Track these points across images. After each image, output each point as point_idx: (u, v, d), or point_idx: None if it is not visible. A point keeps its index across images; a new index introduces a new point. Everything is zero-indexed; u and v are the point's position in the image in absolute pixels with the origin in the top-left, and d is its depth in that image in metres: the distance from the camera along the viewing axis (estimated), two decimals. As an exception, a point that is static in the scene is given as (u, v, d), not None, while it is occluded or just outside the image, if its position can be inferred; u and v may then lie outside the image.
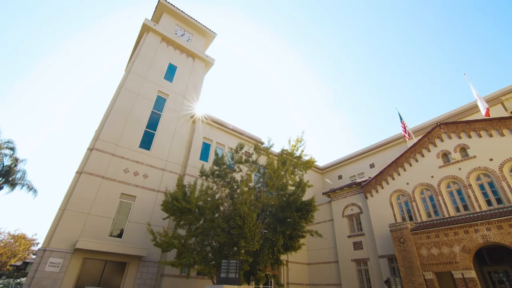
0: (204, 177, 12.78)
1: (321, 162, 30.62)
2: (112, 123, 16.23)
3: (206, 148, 20.06)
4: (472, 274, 12.16)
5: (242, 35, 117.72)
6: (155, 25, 21.92)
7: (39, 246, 13.73)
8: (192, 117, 20.49)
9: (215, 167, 12.79)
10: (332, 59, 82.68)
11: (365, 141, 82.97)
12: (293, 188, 12.47)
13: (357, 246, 18.71)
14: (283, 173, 12.57)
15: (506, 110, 18.75)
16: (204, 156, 19.55)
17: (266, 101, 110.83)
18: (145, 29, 21.80)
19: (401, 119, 20.09)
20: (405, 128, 19.89)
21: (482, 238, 12.28)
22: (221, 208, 12.17)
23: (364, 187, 19.16)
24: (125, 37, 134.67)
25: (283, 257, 19.71)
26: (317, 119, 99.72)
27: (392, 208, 17.15)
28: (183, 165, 18.39)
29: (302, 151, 13.14)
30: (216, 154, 13.41)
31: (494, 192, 13.60)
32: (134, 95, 17.96)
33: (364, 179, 20.55)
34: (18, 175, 20.41)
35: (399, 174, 17.57)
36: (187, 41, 24.90)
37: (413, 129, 22.45)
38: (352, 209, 20.10)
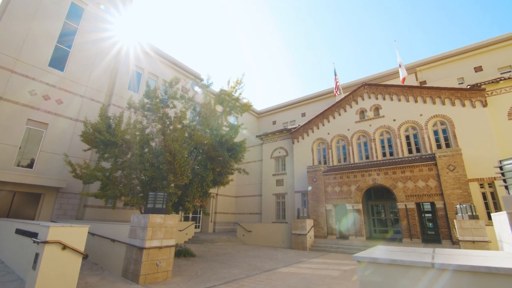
0: (132, 110, 11.81)
1: (258, 107, 31.53)
2: (7, 28, 12.70)
3: (136, 77, 18.04)
4: (359, 206, 15.63)
5: None
6: None
7: None
8: (119, 38, 17.54)
9: (146, 100, 11.85)
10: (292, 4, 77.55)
11: (302, 91, 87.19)
12: (227, 129, 12.78)
13: (279, 183, 21.39)
14: (219, 113, 12.59)
15: (417, 79, 21.91)
16: (133, 86, 17.69)
17: (211, 32, 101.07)
18: None
19: (335, 74, 21.50)
20: (336, 84, 21.54)
21: (372, 181, 15.51)
22: (152, 144, 11.84)
23: (293, 133, 21.02)
24: None
25: (213, 190, 21.24)
26: (262, 62, 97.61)
27: (312, 153, 19.64)
28: (108, 93, 16.40)
29: (240, 93, 13.13)
30: (148, 86, 12.21)
31: (390, 147, 16.77)
32: (37, -5, 13.97)
33: (294, 126, 22.38)
34: None
35: (323, 125, 19.68)
36: None
37: (344, 85, 24.52)
38: (279, 152, 22.20)
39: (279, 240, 16.08)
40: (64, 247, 5.21)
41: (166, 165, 9.70)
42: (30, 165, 12.93)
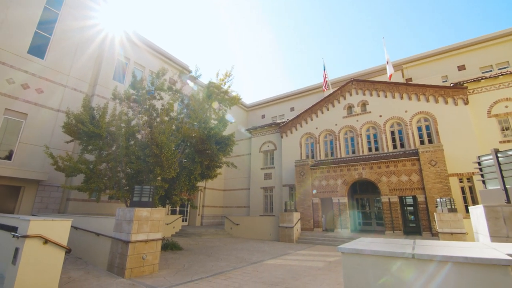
0: (117, 101, 11.46)
1: (248, 100, 31.38)
2: (-19, 11, 11.94)
3: (121, 67, 17.48)
4: (345, 200, 15.99)
5: None
6: None
7: None
8: (103, 26, 16.87)
9: (132, 91, 11.53)
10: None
11: (291, 85, 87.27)
12: (215, 122, 12.66)
13: (267, 176, 21.53)
14: (207, 106, 12.43)
15: (403, 76, 22.36)
16: (118, 76, 17.15)
17: (200, 24, 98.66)
18: None
19: (324, 69, 21.62)
20: (325, 79, 21.68)
21: (358, 175, 15.86)
22: (138, 136, 11.58)
23: (282, 128, 21.11)
24: None
25: (201, 184, 21.13)
26: (251, 55, 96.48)
27: (301, 148, 19.83)
28: (92, 83, 15.84)
29: (229, 86, 12.99)
30: (134, 76, 11.86)
31: (376, 142, 17.15)
32: (14, -23, 13.16)
33: (283, 120, 22.47)
34: None
35: (311, 120, 19.86)
36: None
37: (332, 80, 24.72)
38: (268, 146, 22.29)
39: (266, 233, 16.27)
40: (46, 241, 5.07)
41: (153, 158, 9.54)
42: (8, 157, 12.39)
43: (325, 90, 21.80)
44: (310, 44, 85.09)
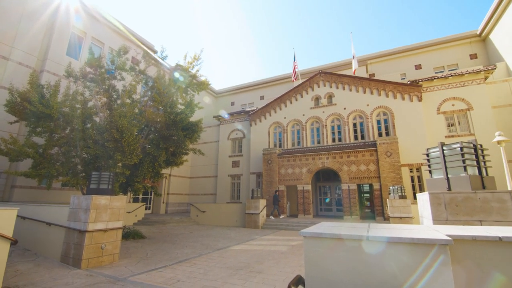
0: (72, 79, 10.40)
1: (217, 86, 30.68)
2: None
3: (77, 42, 15.82)
4: (309, 187, 16.72)
5: None
6: None
7: None
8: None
9: (89, 69, 10.53)
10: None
11: (261, 73, 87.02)
12: (182, 107, 12.18)
13: (235, 164, 21.57)
14: (174, 90, 11.87)
15: (367, 72, 23.54)
16: (73, 52, 15.52)
17: (168, 4, 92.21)
18: None
19: (294, 59, 21.85)
20: (294, 69, 21.96)
21: (321, 164, 16.61)
22: (96, 119, 10.71)
23: (251, 116, 21.12)
24: None
25: (166, 171, 20.48)
26: (221, 40, 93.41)
27: (269, 136, 20.10)
28: (41, 58, 14.13)
29: (198, 70, 12.51)
30: (91, 53, 10.80)
31: (339, 133, 18.01)
32: None
33: (253, 108, 22.46)
34: None
35: (280, 109, 20.13)
36: None
37: (301, 71, 25.15)
38: (237, 134, 22.21)
39: (233, 220, 16.44)
40: (-15, 232, 4.53)
41: (113, 142, 8.93)
42: None
43: (295, 80, 22.13)
44: (281, 33, 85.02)
